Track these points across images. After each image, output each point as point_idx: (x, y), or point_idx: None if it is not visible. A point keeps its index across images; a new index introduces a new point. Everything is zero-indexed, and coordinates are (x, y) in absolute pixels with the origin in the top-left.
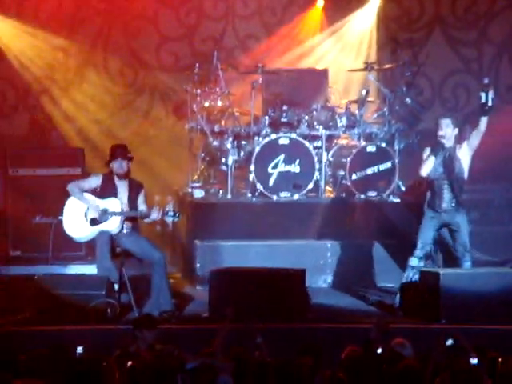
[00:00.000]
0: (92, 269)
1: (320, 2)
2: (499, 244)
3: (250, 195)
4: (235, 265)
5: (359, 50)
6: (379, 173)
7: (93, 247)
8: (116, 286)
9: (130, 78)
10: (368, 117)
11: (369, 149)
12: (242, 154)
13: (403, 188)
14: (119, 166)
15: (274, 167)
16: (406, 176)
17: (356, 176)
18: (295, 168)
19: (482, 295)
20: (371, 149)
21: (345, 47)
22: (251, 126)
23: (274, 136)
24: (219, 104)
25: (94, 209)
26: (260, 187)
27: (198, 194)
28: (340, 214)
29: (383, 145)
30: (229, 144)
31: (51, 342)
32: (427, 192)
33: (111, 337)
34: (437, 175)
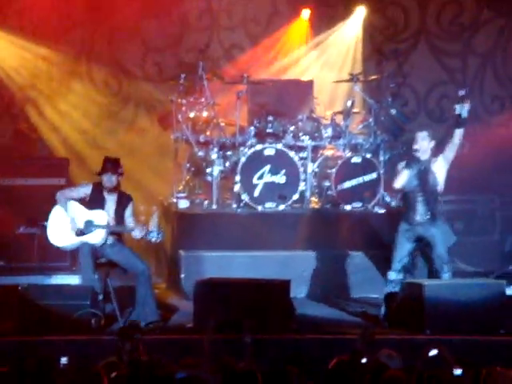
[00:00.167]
0: (76, 279)
1: (305, 13)
2: (483, 254)
3: (235, 206)
4: (220, 275)
5: (344, 61)
6: (364, 184)
7: (77, 257)
8: (100, 297)
9: (114, 88)
10: (353, 128)
11: (354, 160)
12: (227, 164)
13: (388, 199)
14: (108, 180)
15: (260, 178)
16: (391, 187)
17: (341, 187)
18: (281, 179)
19: (467, 306)
20: (356, 160)
21: (330, 58)
22: (237, 137)
23: (259, 146)
24: (204, 114)
25: (80, 219)
26: (245, 198)
27: (183, 204)
28: (325, 224)
29: (368, 156)
30: (214, 154)
31: (35, 353)
32: (401, 205)
33: (96, 347)
34: (411, 188)
